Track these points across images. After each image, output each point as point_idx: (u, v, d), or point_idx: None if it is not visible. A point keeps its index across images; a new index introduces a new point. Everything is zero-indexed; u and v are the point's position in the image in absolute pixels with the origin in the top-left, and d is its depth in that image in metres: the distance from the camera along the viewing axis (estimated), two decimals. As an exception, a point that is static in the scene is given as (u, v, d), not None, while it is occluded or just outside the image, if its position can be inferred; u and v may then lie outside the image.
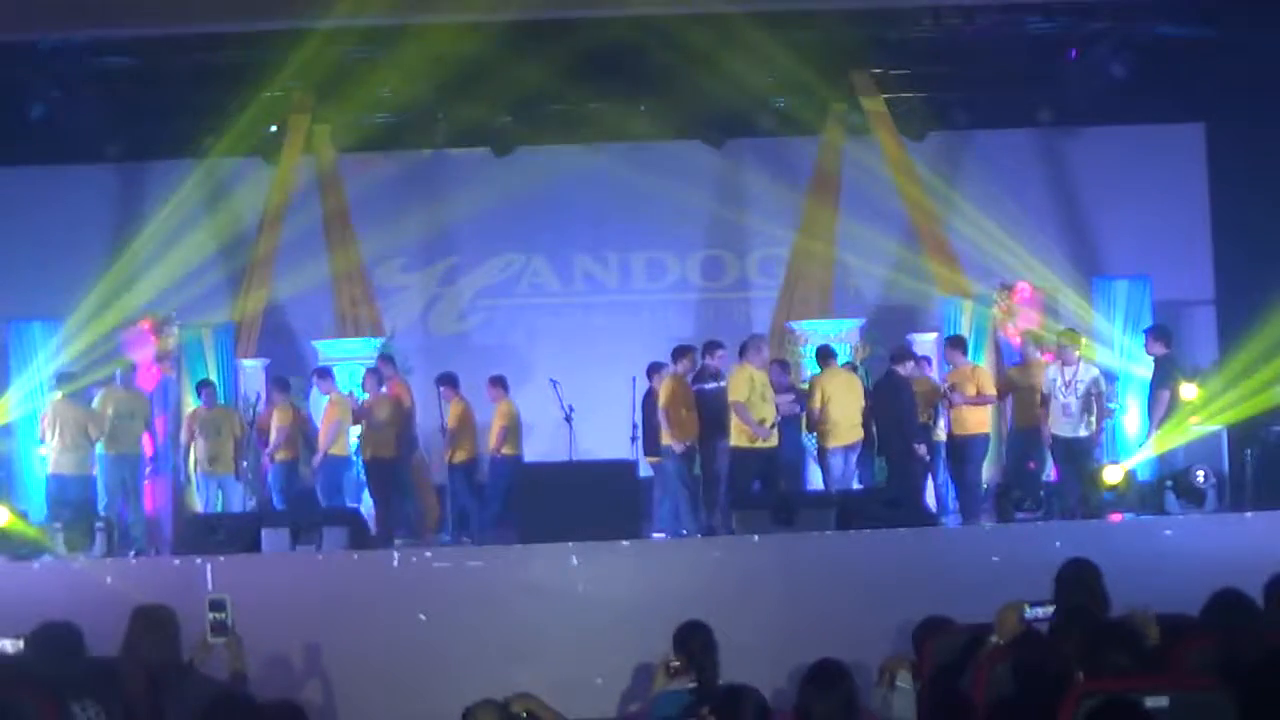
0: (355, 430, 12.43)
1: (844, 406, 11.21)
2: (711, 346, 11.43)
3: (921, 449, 11.11)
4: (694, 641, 6.07)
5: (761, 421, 10.69)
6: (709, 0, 11.79)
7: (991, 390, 11.58)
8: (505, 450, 12.14)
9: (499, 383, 12.50)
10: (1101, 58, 13.34)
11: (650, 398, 11.48)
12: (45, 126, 13.70)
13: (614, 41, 12.33)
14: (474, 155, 15.11)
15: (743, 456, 10.79)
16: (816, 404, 11.24)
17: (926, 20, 13.26)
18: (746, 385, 10.74)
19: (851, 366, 12.49)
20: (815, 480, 12.02)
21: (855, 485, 11.44)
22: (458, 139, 14.87)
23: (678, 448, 10.80)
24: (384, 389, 12.45)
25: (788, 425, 11.49)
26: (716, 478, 11.06)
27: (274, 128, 14.48)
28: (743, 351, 11.03)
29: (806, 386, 11.89)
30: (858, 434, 11.24)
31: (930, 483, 11.81)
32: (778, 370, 11.84)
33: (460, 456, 12.19)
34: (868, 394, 11.43)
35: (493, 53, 12.69)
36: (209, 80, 13.52)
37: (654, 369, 11.70)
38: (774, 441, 10.88)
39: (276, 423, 12.38)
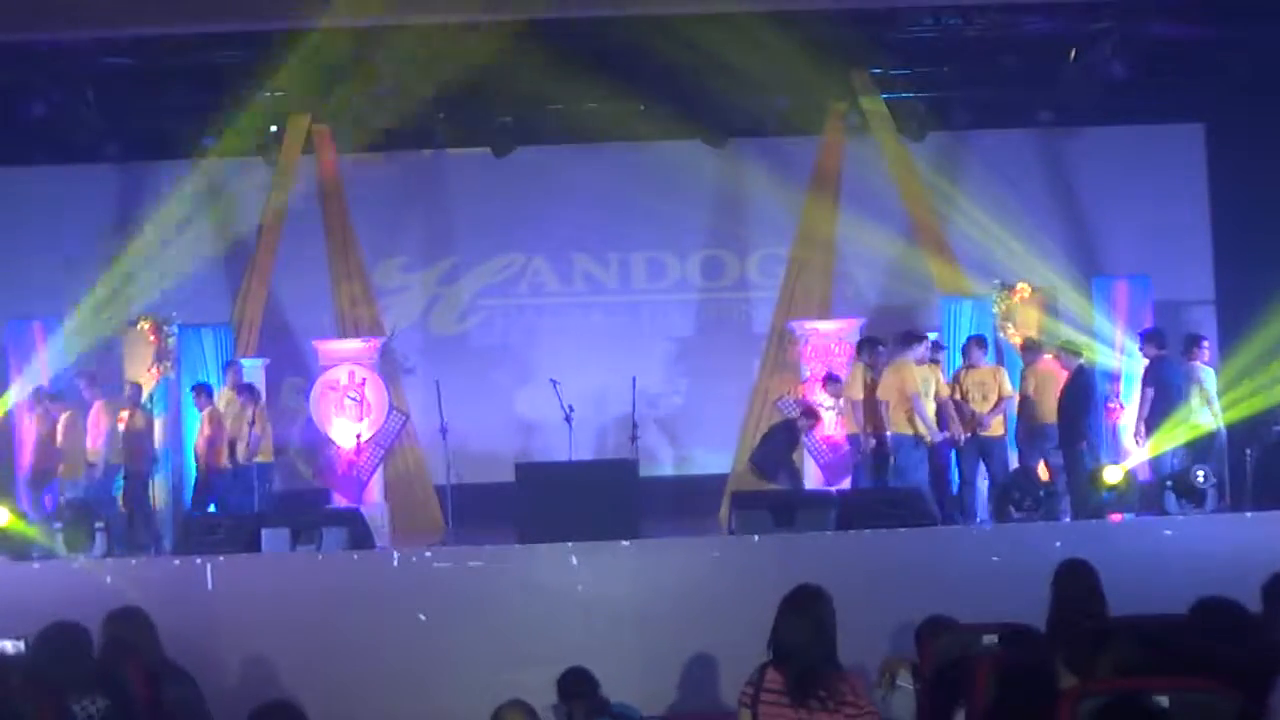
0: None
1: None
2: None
3: (1081, 445, 11.25)
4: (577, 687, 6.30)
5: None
6: (709, 0, 11.79)
7: (1010, 391, 11.52)
8: (260, 459, 12.25)
9: (249, 391, 12.51)
10: (1101, 58, 13.32)
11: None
12: (45, 126, 13.69)
13: (614, 41, 12.33)
14: (474, 155, 15.10)
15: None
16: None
17: (926, 20, 13.25)
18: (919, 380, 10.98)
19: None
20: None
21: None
22: (458, 139, 14.87)
23: (936, 436, 10.93)
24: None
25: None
26: None
27: (274, 128, 14.47)
28: (901, 344, 11.19)
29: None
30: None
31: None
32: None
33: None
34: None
35: (493, 53, 12.68)
36: (209, 80, 13.51)
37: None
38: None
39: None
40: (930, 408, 10.97)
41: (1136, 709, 3.87)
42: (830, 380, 12.71)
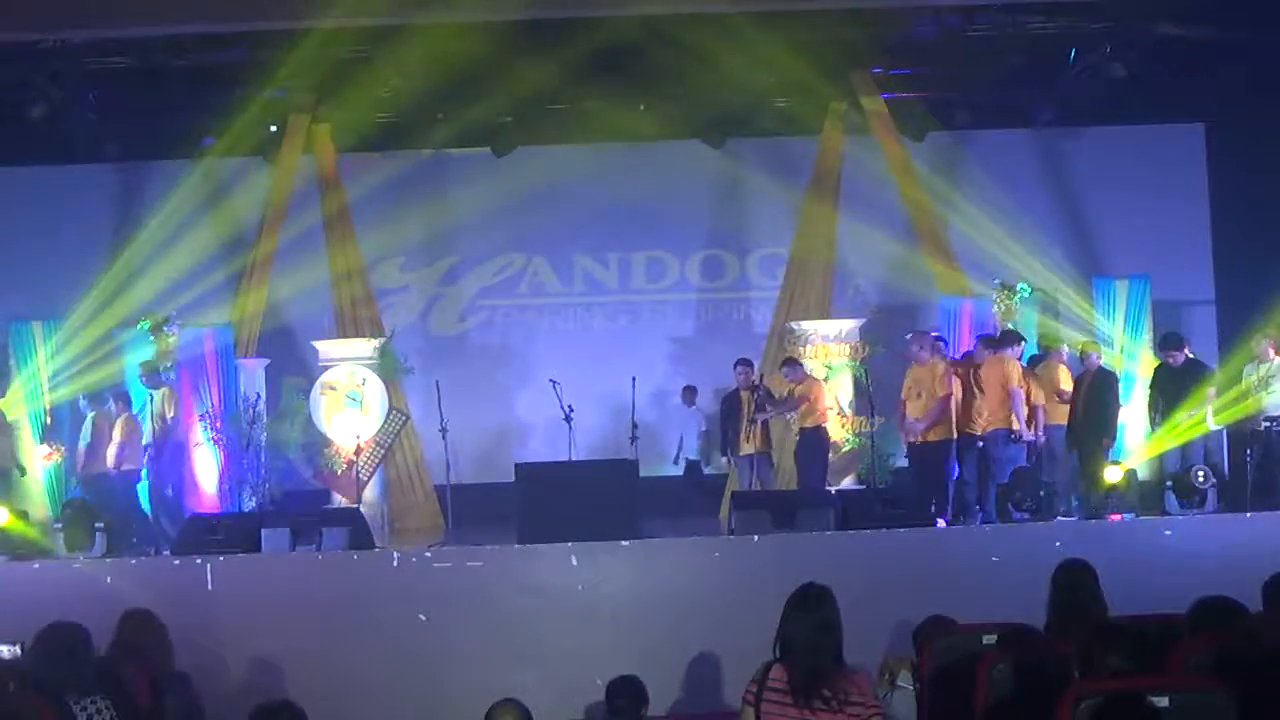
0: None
1: None
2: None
3: (1106, 441, 11.26)
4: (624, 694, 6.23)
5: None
6: (709, 0, 11.79)
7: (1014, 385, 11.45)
8: (125, 466, 12.10)
9: (122, 398, 12.41)
10: (1101, 58, 13.34)
11: None
12: (45, 126, 13.69)
13: (614, 41, 12.32)
14: (474, 155, 15.11)
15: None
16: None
17: (926, 20, 13.26)
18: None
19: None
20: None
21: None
22: (458, 139, 14.86)
23: (1029, 435, 10.92)
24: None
25: None
26: None
27: (274, 128, 14.48)
28: (1002, 344, 11.22)
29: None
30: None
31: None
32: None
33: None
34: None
35: (493, 53, 12.68)
36: (209, 80, 13.51)
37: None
38: None
39: None
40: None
41: (1136, 709, 3.87)
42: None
